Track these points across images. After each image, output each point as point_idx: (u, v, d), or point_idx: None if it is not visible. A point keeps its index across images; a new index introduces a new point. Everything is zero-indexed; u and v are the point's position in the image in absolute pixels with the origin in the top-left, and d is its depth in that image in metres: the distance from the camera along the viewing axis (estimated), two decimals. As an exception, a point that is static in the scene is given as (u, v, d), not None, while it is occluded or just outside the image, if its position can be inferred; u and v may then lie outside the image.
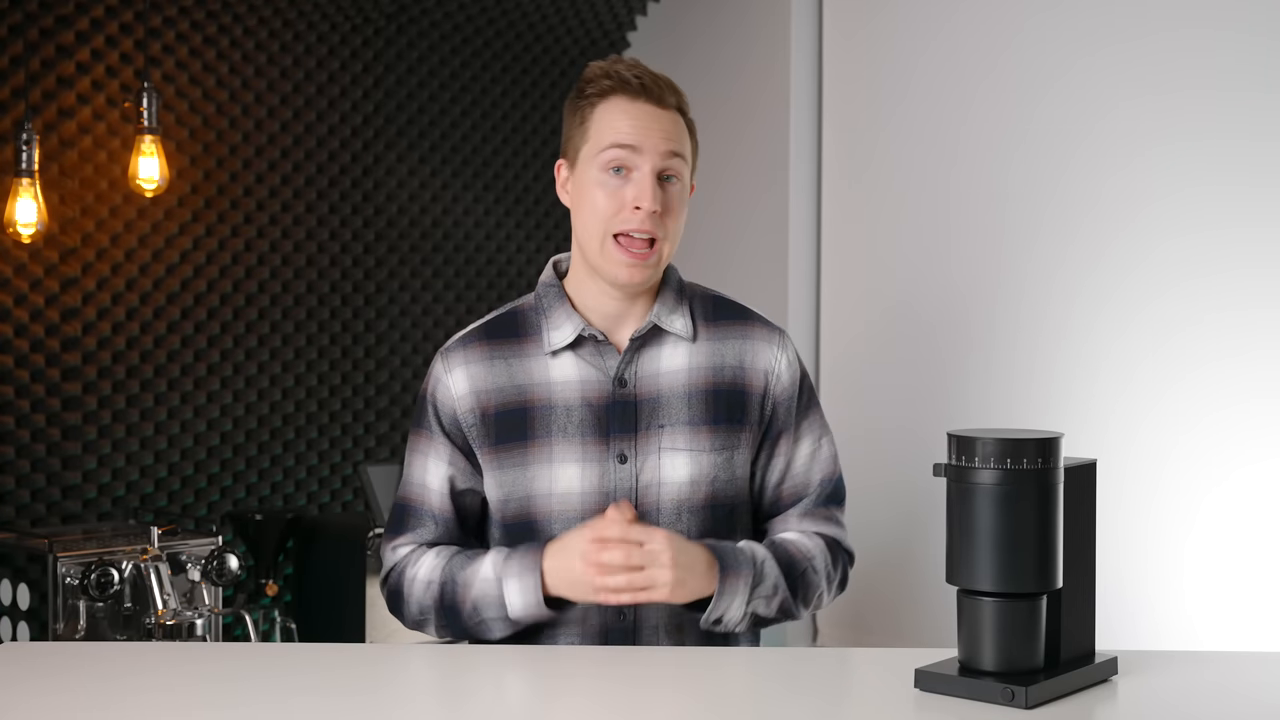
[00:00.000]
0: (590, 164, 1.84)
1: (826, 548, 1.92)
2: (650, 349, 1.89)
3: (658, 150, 1.82)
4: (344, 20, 3.93)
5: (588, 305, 1.89)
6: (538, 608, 1.79)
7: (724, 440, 1.88)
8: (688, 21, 4.25)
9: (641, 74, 1.84)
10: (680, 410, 1.87)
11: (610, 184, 1.83)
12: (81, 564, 3.04)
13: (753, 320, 1.95)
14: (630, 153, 1.81)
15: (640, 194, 1.81)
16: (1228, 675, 1.63)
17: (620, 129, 1.82)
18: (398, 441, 4.08)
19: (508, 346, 1.90)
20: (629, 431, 1.86)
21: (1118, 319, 3.20)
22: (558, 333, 1.88)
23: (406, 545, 1.93)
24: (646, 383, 1.87)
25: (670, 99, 1.85)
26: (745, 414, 1.90)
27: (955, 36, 3.55)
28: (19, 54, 3.34)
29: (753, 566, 1.82)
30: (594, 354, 1.88)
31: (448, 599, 1.86)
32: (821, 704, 1.55)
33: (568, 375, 1.87)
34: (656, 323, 1.88)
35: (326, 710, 1.52)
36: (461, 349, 1.91)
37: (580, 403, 1.86)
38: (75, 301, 3.48)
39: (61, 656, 1.82)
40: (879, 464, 3.58)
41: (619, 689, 1.63)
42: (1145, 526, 3.12)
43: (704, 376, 1.89)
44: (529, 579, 1.79)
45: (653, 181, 1.81)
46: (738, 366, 1.90)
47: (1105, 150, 3.22)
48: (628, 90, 1.83)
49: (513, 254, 4.32)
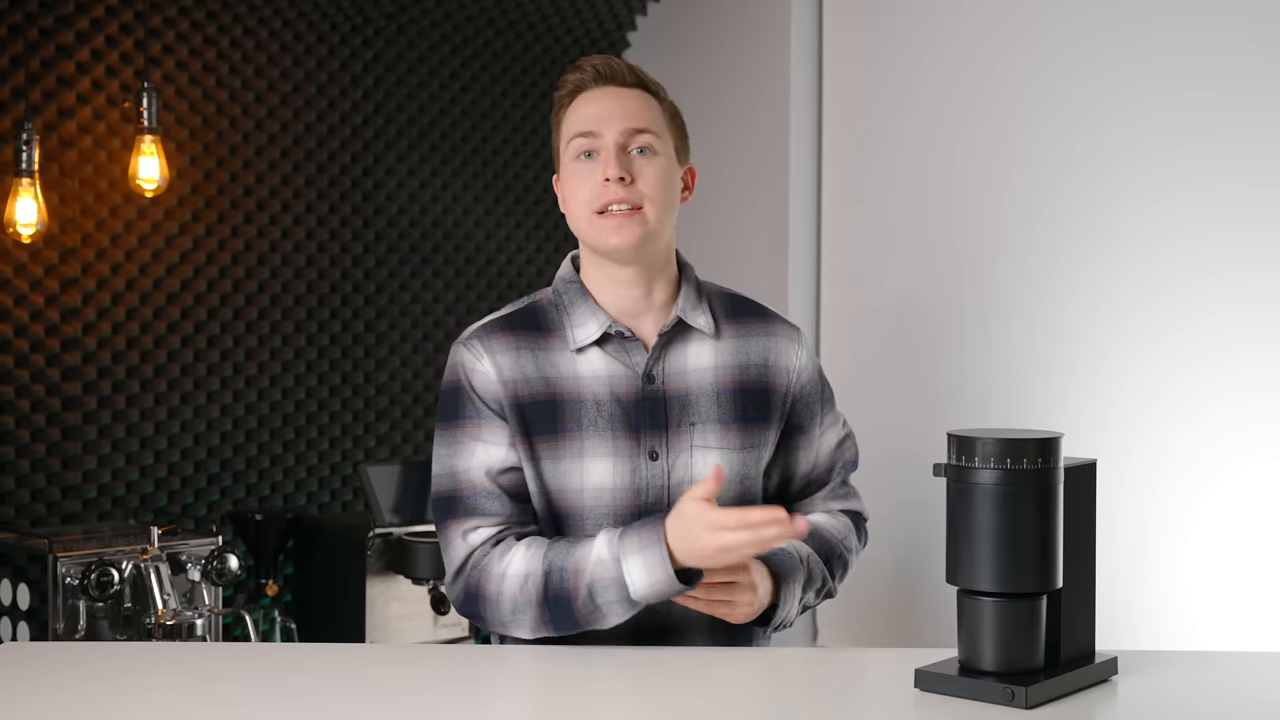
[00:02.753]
0: (566, 157, 1.89)
1: (852, 524, 2.01)
2: (676, 345, 1.89)
3: (617, 125, 1.85)
4: (344, 20, 3.93)
5: (608, 301, 1.89)
6: (668, 582, 1.70)
7: (752, 439, 1.90)
8: (688, 21, 4.25)
9: (599, 64, 1.89)
10: (710, 408, 1.88)
11: (583, 169, 1.87)
12: (81, 564, 3.04)
13: (772, 319, 1.98)
14: (593, 136, 1.86)
15: (606, 166, 1.84)
16: (1228, 675, 1.63)
17: (584, 116, 1.87)
18: (398, 441, 4.08)
19: (530, 338, 1.88)
20: (659, 428, 1.86)
21: (1118, 319, 3.20)
22: (582, 329, 1.87)
23: (480, 529, 1.82)
24: (675, 379, 1.88)
25: (629, 77, 1.89)
26: (769, 411, 1.92)
27: (955, 36, 3.55)
28: (19, 54, 3.34)
29: (803, 567, 1.87)
30: (620, 350, 1.87)
31: (554, 589, 1.75)
32: (821, 704, 1.55)
33: (595, 370, 1.86)
34: (682, 317, 1.89)
35: (326, 710, 1.52)
36: (486, 337, 1.87)
37: (610, 397, 1.85)
38: (75, 301, 3.48)
39: (61, 656, 1.82)
40: (879, 464, 3.57)
41: (620, 688, 1.63)
42: (1145, 526, 3.12)
43: (731, 375, 1.90)
44: (653, 553, 1.70)
45: (616, 152, 1.84)
46: (762, 365, 1.93)
47: (1105, 151, 3.22)
48: (587, 83, 1.89)
49: (513, 254, 4.32)
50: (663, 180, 1.87)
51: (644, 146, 1.86)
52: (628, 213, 1.84)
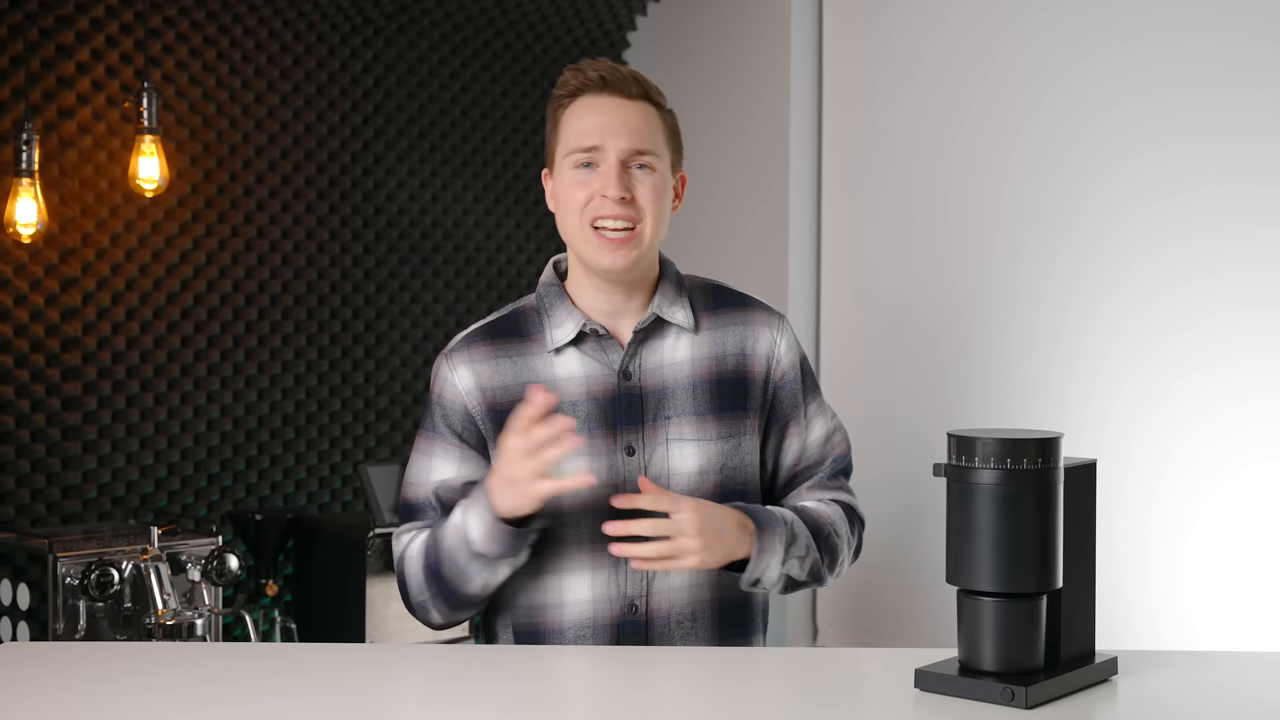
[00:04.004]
0: (563, 163, 1.89)
1: (844, 513, 1.97)
2: (653, 341, 1.91)
3: (620, 143, 1.85)
4: (344, 20, 3.93)
5: (587, 303, 1.91)
6: (495, 525, 1.77)
7: (730, 428, 1.90)
8: (688, 21, 4.25)
9: (605, 70, 1.89)
10: (685, 401, 1.89)
11: (580, 177, 1.87)
12: (81, 564, 3.04)
13: (751, 306, 1.97)
14: (595, 148, 1.85)
15: (606, 183, 1.85)
16: (1228, 675, 1.63)
17: (585, 125, 1.87)
18: (398, 441, 4.08)
19: (511, 345, 1.91)
20: (635, 424, 1.87)
21: (1118, 319, 3.20)
22: (559, 330, 1.89)
23: (410, 533, 1.93)
24: (651, 375, 1.89)
25: (635, 89, 1.89)
26: (748, 400, 1.92)
27: (954, 37, 3.55)
28: (19, 54, 3.34)
29: (785, 525, 1.85)
30: (597, 349, 1.89)
31: (431, 562, 1.86)
32: (822, 704, 1.55)
33: (572, 371, 1.88)
34: (658, 314, 1.90)
35: (326, 710, 1.52)
36: (465, 348, 1.92)
37: (586, 397, 1.87)
38: (75, 301, 3.48)
39: (61, 656, 1.82)
40: (879, 464, 3.58)
41: (619, 689, 1.63)
42: (1145, 526, 3.12)
43: (707, 366, 1.91)
44: (480, 502, 1.78)
45: (618, 170, 1.85)
46: (739, 353, 1.93)
47: (1104, 150, 3.22)
48: (590, 88, 1.88)
49: (513, 254, 4.32)
50: (659, 196, 1.88)
51: (644, 164, 1.87)
52: (624, 235, 1.85)
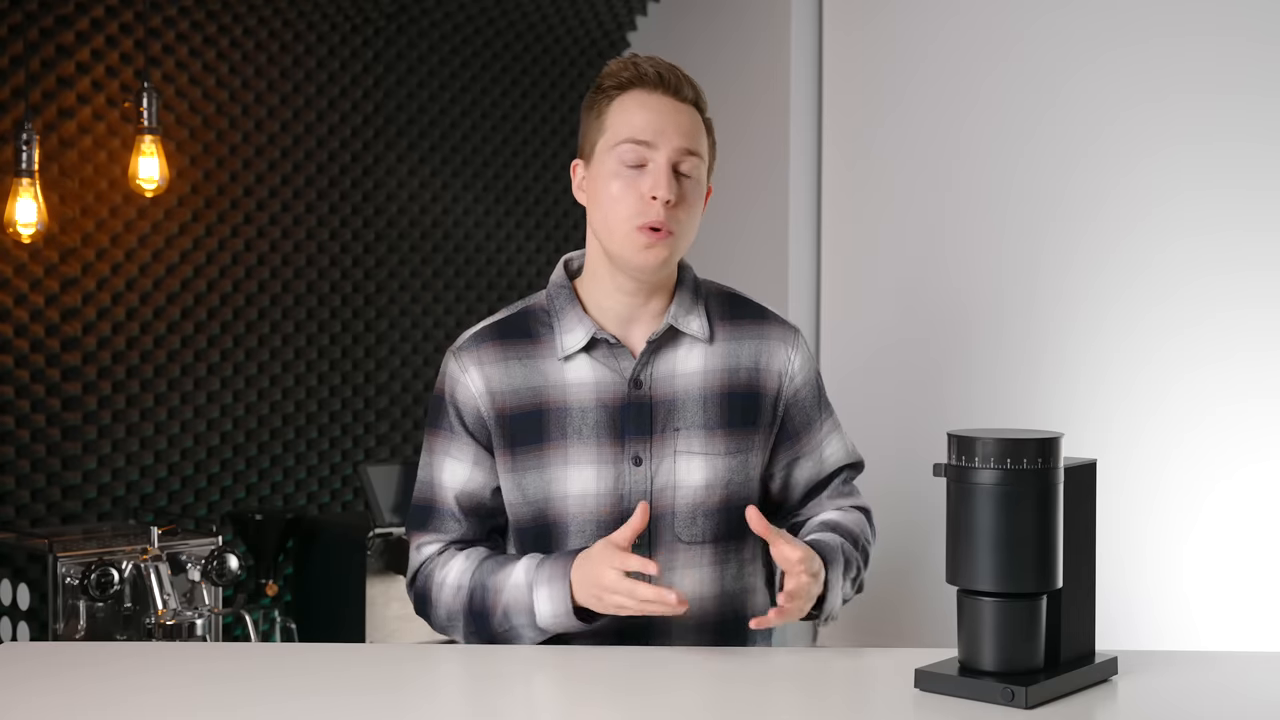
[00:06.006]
0: (607, 156, 1.82)
1: (865, 519, 1.97)
2: (666, 350, 1.87)
3: (673, 143, 1.80)
4: (344, 20, 3.93)
5: (600, 306, 1.87)
6: (566, 617, 1.75)
7: (738, 443, 1.87)
8: (688, 21, 4.25)
9: (659, 66, 1.84)
10: (696, 413, 1.85)
11: (626, 175, 1.80)
12: (81, 564, 3.04)
13: (769, 320, 1.93)
14: (646, 145, 1.80)
15: (656, 184, 1.79)
16: (1228, 675, 1.63)
17: (636, 121, 1.81)
18: (398, 441, 4.08)
19: (521, 347, 1.87)
20: (644, 434, 1.84)
21: (1118, 320, 3.20)
22: (570, 336, 1.85)
23: (432, 544, 1.89)
24: (662, 385, 1.86)
25: (688, 92, 1.85)
26: (759, 416, 1.89)
27: (956, 37, 3.55)
28: (19, 54, 3.34)
29: (842, 555, 1.83)
30: (608, 355, 1.85)
31: (476, 605, 1.82)
32: (822, 704, 1.55)
33: (583, 377, 1.85)
34: (673, 324, 1.86)
35: (327, 710, 1.52)
36: (475, 348, 1.88)
37: (595, 404, 1.84)
38: (75, 301, 3.48)
39: (61, 656, 1.82)
40: (879, 464, 3.57)
41: (620, 688, 1.63)
42: (1146, 526, 3.12)
43: (719, 379, 1.87)
44: (558, 586, 1.75)
45: (668, 173, 1.79)
46: (753, 368, 1.89)
47: (1107, 151, 3.22)
48: (644, 83, 1.83)
49: (513, 254, 4.32)
50: (695, 206, 1.84)
51: (689, 169, 1.82)
52: (662, 235, 1.80)
